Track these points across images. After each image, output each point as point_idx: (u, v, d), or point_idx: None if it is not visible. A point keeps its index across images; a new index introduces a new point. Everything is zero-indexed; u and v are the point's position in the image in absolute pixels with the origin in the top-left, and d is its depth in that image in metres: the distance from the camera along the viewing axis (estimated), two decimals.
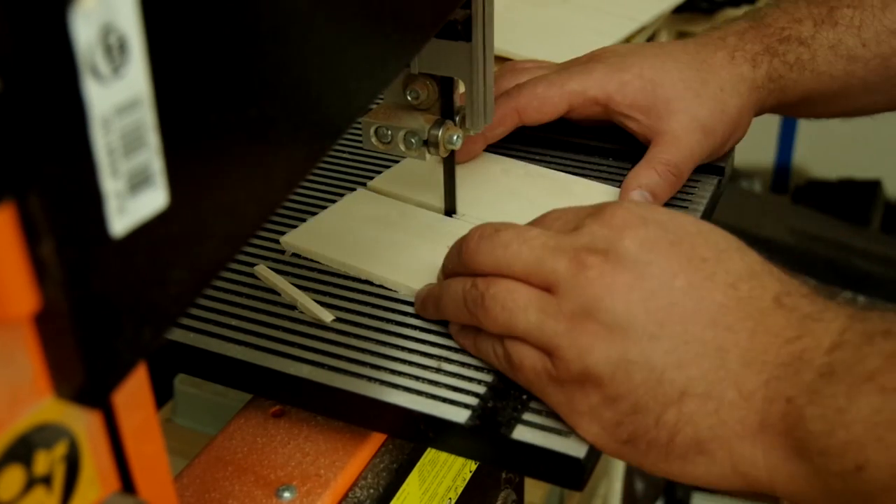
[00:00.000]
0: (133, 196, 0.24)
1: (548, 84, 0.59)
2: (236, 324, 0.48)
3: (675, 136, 0.57)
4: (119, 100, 0.23)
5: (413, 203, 0.58)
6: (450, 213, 0.57)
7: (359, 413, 0.44)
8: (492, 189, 0.59)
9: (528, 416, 0.42)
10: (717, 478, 0.39)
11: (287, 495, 0.42)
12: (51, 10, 0.21)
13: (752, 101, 0.60)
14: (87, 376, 0.24)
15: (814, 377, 0.37)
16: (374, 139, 0.53)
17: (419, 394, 0.43)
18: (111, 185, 0.23)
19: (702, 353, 0.39)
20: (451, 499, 0.50)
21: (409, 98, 0.53)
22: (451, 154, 0.54)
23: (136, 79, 0.23)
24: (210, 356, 0.46)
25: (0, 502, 0.24)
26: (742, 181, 2.18)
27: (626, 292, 0.40)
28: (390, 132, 0.52)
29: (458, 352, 0.46)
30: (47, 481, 0.26)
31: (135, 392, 0.28)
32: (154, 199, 0.25)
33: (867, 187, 2.07)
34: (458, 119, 0.53)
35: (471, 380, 0.44)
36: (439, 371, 0.45)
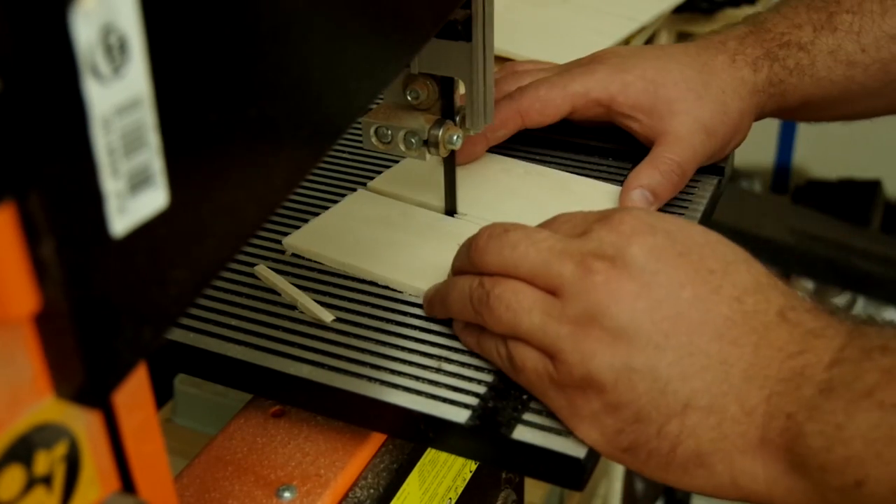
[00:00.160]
0: (133, 196, 0.24)
1: (550, 86, 0.59)
2: (236, 324, 0.48)
3: (678, 136, 0.57)
4: (119, 100, 0.23)
5: (413, 203, 0.58)
6: (450, 213, 0.57)
7: (359, 413, 0.44)
8: (492, 188, 0.59)
9: (528, 416, 0.42)
10: (715, 489, 0.39)
11: (287, 495, 0.42)
12: (51, 10, 0.21)
13: (753, 105, 0.60)
14: (87, 376, 0.24)
15: (814, 393, 0.37)
16: (374, 139, 0.53)
17: (419, 394, 0.43)
18: (111, 184, 0.23)
19: (706, 365, 0.39)
20: (451, 499, 0.50)
21: (410, 98, 0.53)
22: (452, 154, 0.54)
23: (136, 79, 0.23)
24: (210, 356, 0.46)
25: (0, 502, 0.24)
26: (742, 181, 2.18)
27: (632, 300, 0.40)
28: (390, 132, 0.52)
29: (458, 352, 0.46)
30: (47, 481, 0.26)
31: (135, 392, 0.28)
32: (154, 199, 0.25)
33: (867, 187, 2.07)
34: (458, 119, 0.53)
35: (471, 380, 0.44)
36: (439, 371, 0.45)
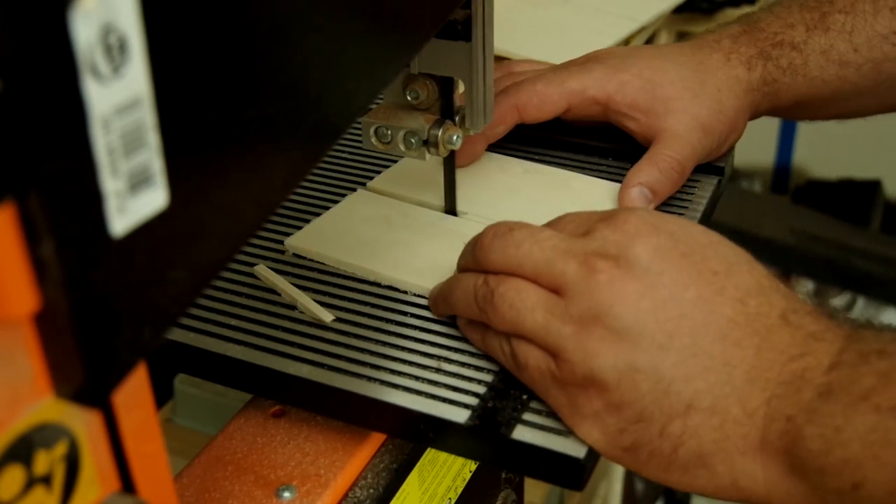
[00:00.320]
0: (133, 196, 0.24)
1: (547, 82, 0.59)
2: (236, 324, 0.48)
3: (676, 133, 0.57)
4: (119, 99, 0.23)
5: (413, 202, 0.58)
6: (451, 212, 0.57)
7: (359, 413, 0.44)
8: (491, 187, 0.59)
9: (527, 416, 0.42)
10: (715, 490, 0.40)
11: (287, 495, 0.42)
12: (51, 10, 0.21)
13: (748, 103, 0.60)
14: (86, 376, 0.24)
15: (813, 396, 0.37)
16: (373, 139, 0.53)
17: (419, 394, 0.43)
18: (111, 184, 0.23)
19: (709, 367, 0.39)
20: (450, 499, 0.50)
21: (409, 98, 0.53)
22: (451, 154, 0.54)
23: (136, 79, 0.23)
24: (210, 356, 0.46)
25: (0, 502, 0.24)
26: (742, 181, 2.18)
27: (635, 300, 0.40)
28: (390, 132, 0.52)
29: (457, 352, 0.46)
30: (47, 481, 0.26)
31: (135, 392, 0.28)
32: (154, 198, 0.25)
33: (867, 187, 2.07)
34: (457, 119, 0.53)
35: (471, 380, 0.44)
36: (439, 371, 0.45)
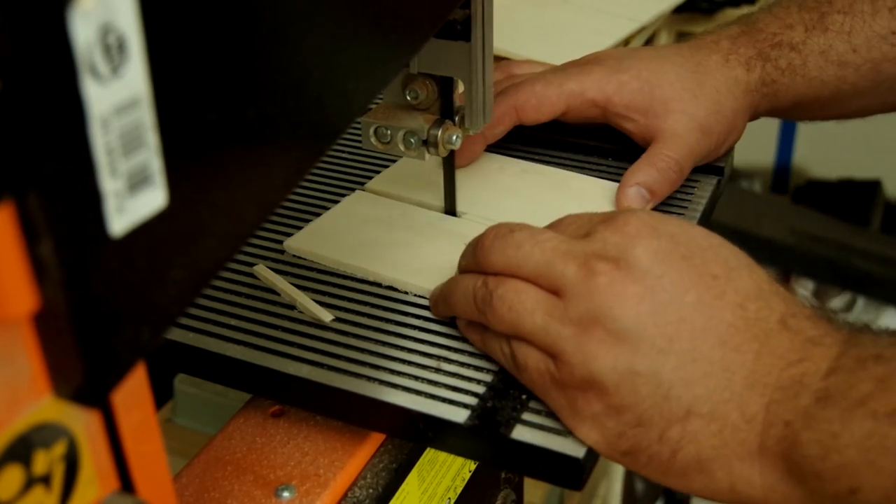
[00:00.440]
0: (132, 196, 0.24)
1: (545, 83, 0.59)
2: (236, 324, 0.48)
3: (674, 133, 0.57)
4: (118, 99, 0.23)
5: (412, 203, 0.58)
6: (451, 212, 0.57)
7: (358, 413, 0.44)
8: (490, 187, 0.59)
9: (527, 415, 0.42)
10: (712, 493, 0.40)
11: (286, 495, 0.42)
12: (50, 10, 0.21)
13: (747, 104, 0.60)
14: (85, 376, 0.24)
15: (810, 402, 0.37)
16: (373, 139, 0.53)
17: (418, 393, 0.43)
18: (110, 184, 0.23)
19: (709, 372, 0.39)
20: (450, 499, 0.50)
21: (409, 98, 0.53)
22: (451, 154, 0.54)
23: (135, 78, 0.23)
24: (209, 356, 0.46)
25: None
26: (742, 181, 2.18)
27: (636, 303, 0.40)
28: (390, 132, 0.52)
29: (457, 352, 0.46)
30: (46, 481, 0.26)
31: (134, 391, 0.28)
32: (153, 198, 0.25)
33: (867, 187, 2.07)
34: (457, 119, 0.53)
35: (470, 380, 0.44)
36: (438, 371, 0.45)
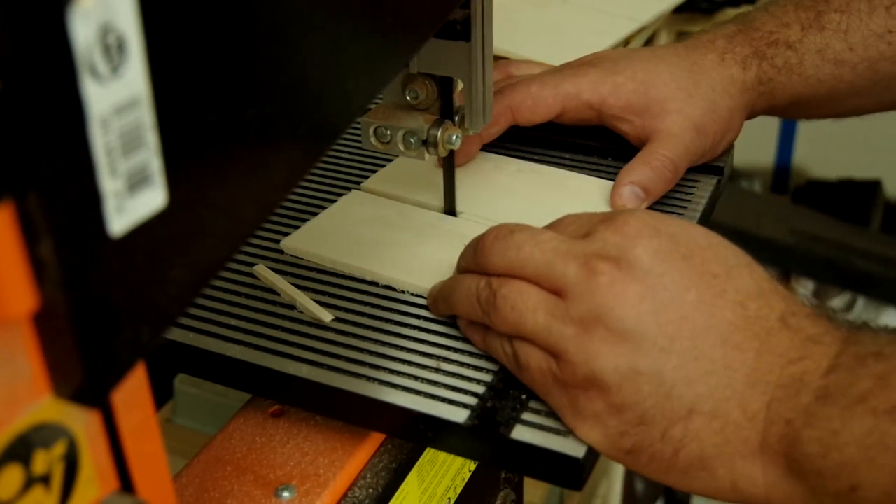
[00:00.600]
0: (132, 196, 0.24)
1: (541, 84, 0.59)
2: (235, 323, 0.48)
3: (669, 133, 0.57)
4: (118, 99, 0.23)
5: (408, 202, 0.58)
6: (450, 212, 0.57)
7: (358, 413, 0.44)
8: (487, 186, 0.60)
9: (527, 415, 0.42)
10: (714, 492, 0.40)
11: (286, 495, 0.42)
12: (50, 10, 0.21)
13: (743, 103, 0.60)
14: (85, 376, 0.24)
15: (811, 400, 0.37)
16: (373, 139, 0.53)
17: (418, 393, 0.43)
18: (110, 184, 0.23)
19: (710, 370, 0.39)
20: (450, 498, 0.50)
21: (409, 98, 0.53)
22: (451, 154, 0.54)
23: (134, 78, 0.23)
24: (209, 356, 0.46)
25: None
26: (742, 181, 2.18)
27: (637, 302, 0.40)
28: (389, 132, 0.52)
29: (457, 352, 0.46)
30: (46, 481, 0.26)
31: (134, 391, 0.28)
32: (153, 198, 0.25)
33: (867, 187, 2.07)
34: (457, 119, 0.53)
35: (470, 379, 0.44)
36: (438, 371, 0.45)
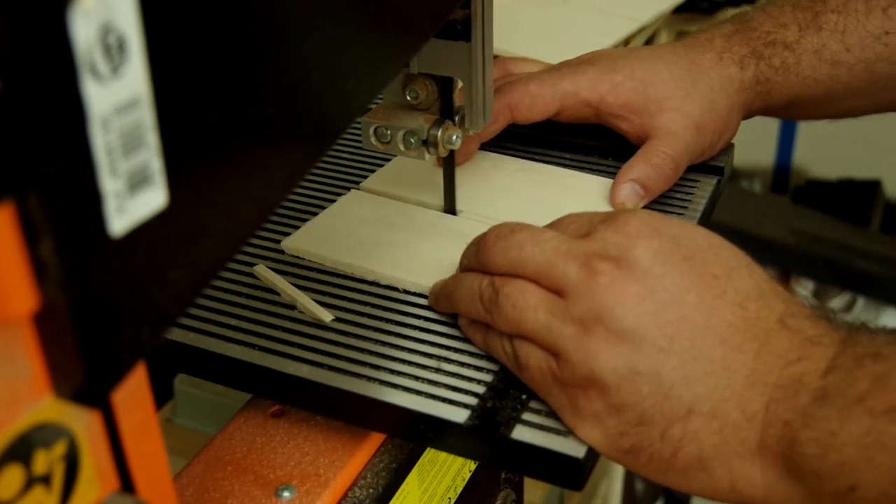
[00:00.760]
0: (132, 196, 0.24)
1: (540, 82, 0.59)
2: (236, 324, 0.48)
3: (669, 131, 0.57)
4: (118, 99, 0.23)
5: (408, 202, 0.58)
6: (450, 212, 0.57)
7: (358, 413, 0.44)
8: (487, 185, 0.60)
9: (527, 415, 0.42)
10: (713, 492, 0.40)
11: (286, 495, 0.42)
12: (50, 10, 0.21)
13: (741, 102, 0.60)
14: (86, 376, 0.24)
15: (809, 401, 0.37)
16: (373, 139, 0.53)
17: (418, 394, 0.43)
18: (110, 184, 0.23)
19: (710, 371, 0.39)
20: (450, 498, 0.50)
21: (409, 98, 0.53)
22: (451, 154, 0.54)
23: (135, 78, 0.23)
24: (210, 356, 0.46)
25: (0, 501, 0.24)
26: (742, 181, 2.18)
27: (636, 302, 0.40)
28: (389, 132, 0.52)
29: (457, 352, 0.46)
30: (46, 481, 0.26)
31: (134, 391, 0.28)
32: (153, 198, 0.25)
33: (867, 187, 2.07)
34: (457, 119, 0.53)
35: (470, 380, 0.44)
36: (439, 371, 0.45)
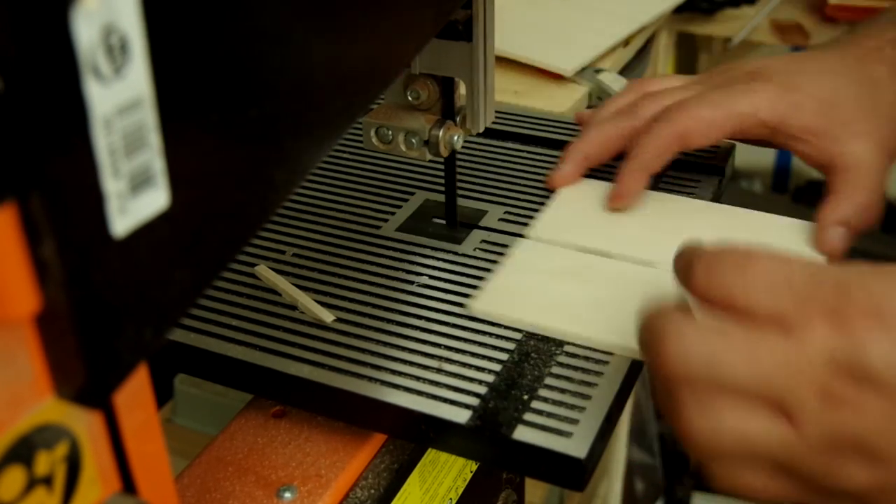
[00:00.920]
0: (134, 196, 0.24)
1: (712, 105, 0.55)
2: (237, 324, 0.48)
3: (861, 160, 0.54)
4: (120, 100, 0.23)
5: (588, 251, 0.54)
6: (451, 220, 0.56)
7: (359, 413, 0.44)
8: (675, 231, 0.54)
9: (528, 416, 0.42)
10: None
11: (288, 496, 0.42)
12: (52, 11, 0.21)
13: None
14: (87, 376, 0.24)
15: None
16: (374, 139, 0.53)
17: (420, 394, 0.43)
18: (113, 185, 0.23)
19: None
20: (451, 499, 0.50)
21: (410, 98, 0.53)
22: (452, 154, 0.54)
23: (137, 79, 0.23)
24: (210, 356, 0.46)
25: (1, 503, 0.24)
26: (742, 181, 2.18)
27: (888, 424, 0.34)
28: (391, 132, 0.52)
29: (459, 352, 0.46)
30: (48, 482, 0.26)
31: (135, 392, 0.28)
32: (155, 199, 0.25)
33: None
34: (458, 119, 0.53)
35: (471, 380, 0.44)
36: (440, 371, 0.45)
